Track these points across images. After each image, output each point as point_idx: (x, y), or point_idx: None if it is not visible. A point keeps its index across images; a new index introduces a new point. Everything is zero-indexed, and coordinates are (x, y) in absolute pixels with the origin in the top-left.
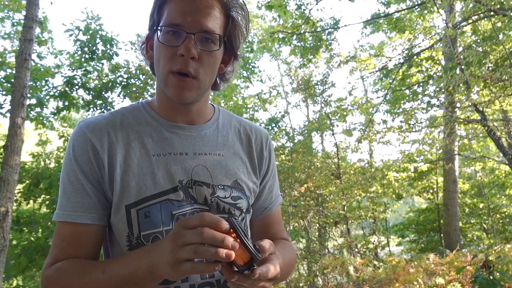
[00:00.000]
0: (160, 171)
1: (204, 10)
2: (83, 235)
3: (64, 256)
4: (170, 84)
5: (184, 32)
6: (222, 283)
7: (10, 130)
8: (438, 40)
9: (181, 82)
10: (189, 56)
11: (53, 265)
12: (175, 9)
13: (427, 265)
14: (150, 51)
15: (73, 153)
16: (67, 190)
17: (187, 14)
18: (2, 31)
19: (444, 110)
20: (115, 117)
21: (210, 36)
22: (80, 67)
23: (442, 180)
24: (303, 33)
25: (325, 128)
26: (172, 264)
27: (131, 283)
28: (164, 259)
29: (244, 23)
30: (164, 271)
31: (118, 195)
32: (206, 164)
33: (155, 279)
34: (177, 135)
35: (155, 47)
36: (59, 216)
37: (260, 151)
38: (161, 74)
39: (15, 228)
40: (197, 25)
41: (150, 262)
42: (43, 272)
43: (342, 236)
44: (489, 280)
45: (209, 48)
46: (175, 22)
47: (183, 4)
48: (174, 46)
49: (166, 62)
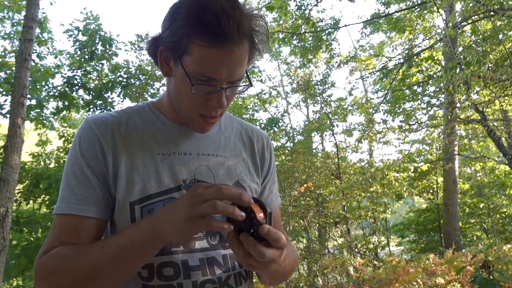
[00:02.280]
0: (164, 170)
1: (238, 60)
2: (84, 228)
3: (60, 243)
4: (196, 122)
5: (218, 86)
6: (224, 280)
7: (10, 130)
8: (438, 40)
9: (207, 123)
10: (220, 107)
11: (48, 253)
12: (209, 60)
13: (427, 265)
14: (166, 66)
15: (79, 147)
16: (71, 183)
17: (222, 67)
18: (2, 31)
19: (444, 110)
20: (121, 116)
21: (238, 82)
22: (80, 68)
23: (442, 180)
24: (303, 33)
25: (325, 128)
26: (189, 219)
27: (131, 251)
28: (178, 216)
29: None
30: (172, 230)
31: (123, 192)
32: (209, 164)
33: (157, 241)
34: (181, 135)
35: (179, 80)
36: (62, 209)
37: (262, 153)
38: (186, 111)
39: (15, 228)
40: (231, 77)
41: (153, 224)
42: (37, 261)
43: (342, 236)
44: (488, 280)
45: (235, 91)
46: (210, 76)
47: (219, 56)
48: (204, 95)
49: (194, 106)
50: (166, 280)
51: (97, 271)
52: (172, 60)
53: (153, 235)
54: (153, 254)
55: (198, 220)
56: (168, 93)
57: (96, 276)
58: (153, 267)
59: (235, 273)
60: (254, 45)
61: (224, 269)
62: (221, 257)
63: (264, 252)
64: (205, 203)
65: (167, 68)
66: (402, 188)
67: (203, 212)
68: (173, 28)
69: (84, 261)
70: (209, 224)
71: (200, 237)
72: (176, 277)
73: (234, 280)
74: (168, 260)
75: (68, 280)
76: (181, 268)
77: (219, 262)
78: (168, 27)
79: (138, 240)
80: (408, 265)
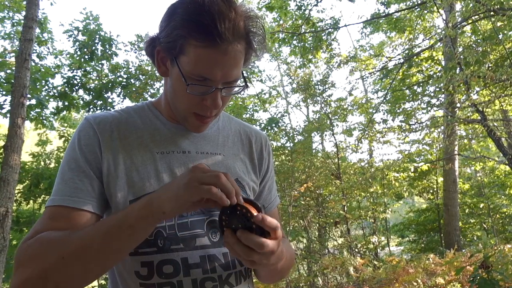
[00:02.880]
0: (163, 168)
1: (232, 61)
2: (76, 219)
3: (48, 230)
4: (190, 121)
5: (212, 87)
6: (224, 279)
7: (10, 130)
8: (438, 40)
9: (202, 123)
10: (215, 108)
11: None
12: (204, 61)
13: (427, 265)
14: (162, 66)
15: (78, 142)
16: (66, 177)
17: (217, 68)
18: (2, 31)
19: (444, 110)
20: (121, 115)
21: (234, 83)
22: (80, 68)
23: (442, 180)
24: (303, 33)
25: (325, 128)
26: (187, 184)
27: (124, 226)
28: (176, 184)
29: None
30: (170, 197)
31: (123, 190)
32: (208, 162)
33: (152, 214)
34: (180, 134)
35: (175, 80)
36: (54, 201)
37: (260, 152)
38: (181, 110)
39: (15, 228)
40: (226, 78)
41: (150, 196)
42: (18, 247)
43: (342, 236)
44: (487, 280)
45: (231, 91)
46: (205, 76)
47: (213, 57)
48: (199, 95)
49: (189, 105)
50: (166, 277)
51: (86, 249)
52: (168, 60)
53: (149, 206)
54: (146, 232)
55: (198, 186)
56: (165, 93)
57: (85, 255)
58: (152, 265)
59: (236, 271)
60: (251, 46)
61: (225, 267)
62: (222, 255)
63: (263, 242)
64: (209, 173)
65: (164, 68)
66: (402, 188)
67: (206, 181)
68: (169, 28)
69: (73, 240)
70: (208, 191)
71: (201, 234)
72: (175, 274)
73: (234, 278)
74: (167, 258)
75: (55, 260)
76: (181, 265)
77: (219, 259)
78: (165, 28)
79: (131, 215)
80: (408, 265)
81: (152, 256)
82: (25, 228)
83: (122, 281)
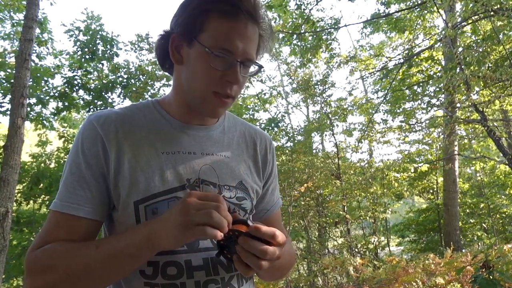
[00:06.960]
0: (168, 169)
1: (251, 37)
2: (76, 227)
3: (53, 239)
4: (209, 102)
5: (234, 60)
6: (227, 281)
7: (10, 130)
8: (438, 40)
9: (222, 103)
10: (236, 84)
11: (41, 247)
12: (226, 32)
13: (426, 265)
14: (177, 54)
15: (81, 145)
16: (68, 181)
17: (238, 41)
18: (2, 31)
19: (444, 110)
20: (125, 113)
21: (252, 63)
22: (80, 68)
23: (442, 180)
24: (303, 33)
25: (325, 128)
26: (182, 227)
27: (125, 254)
28: (172, 224)
29: (268, 42)
30: (166, 237)
31: (127, 191)
32: (213, 164)
33: (152, 247)
34: (186, 134)
35: (194, 60)
36: (56, 205)
37: (265, 155)
38: (200, 91)
39: (15, 228)
40: (245, 54)
41: (149, 230)
42: (29, 254)
43: (342, 236)
44: (489, 280)
45: (248, 73)
46: (227, 48)
47: (235, 28)
48: (221, 70)
49: (210, 82)
50: (170, 279)
51: (90, 270)
52: (184, 46)
53: (148, 241)
54: (147, 259)
55: (192, 228)
56: (175, 87)
57: (89, 275)
58: (158, 265)
59: (238, 273)
60: (262, 37)
61: (227, 269)
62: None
63: (266, 249)
64: (203, 211)
65: (178, 56)
66: (403, 188)
67: (199, 221)
68: (188, 11)
69: (78, 259)
70: (203, 232)
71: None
72: (179, 276)
73: (236, 281)
74: (172, 259)
75: (62, 277)
76: (184, 267)
77: (222, 262)
78: (182, 13)
79: (132, 246)
80: (408, 265)
81: (158, 256)
82: (25, 228)
83: (125, 280)
